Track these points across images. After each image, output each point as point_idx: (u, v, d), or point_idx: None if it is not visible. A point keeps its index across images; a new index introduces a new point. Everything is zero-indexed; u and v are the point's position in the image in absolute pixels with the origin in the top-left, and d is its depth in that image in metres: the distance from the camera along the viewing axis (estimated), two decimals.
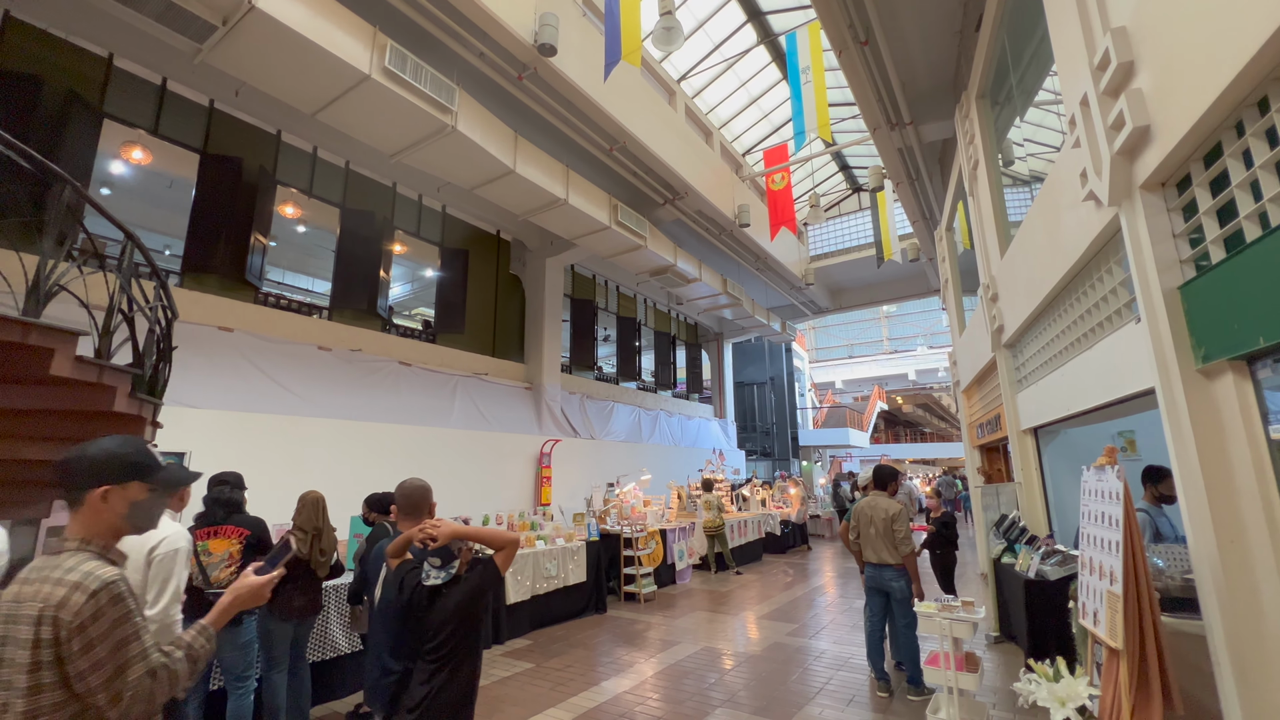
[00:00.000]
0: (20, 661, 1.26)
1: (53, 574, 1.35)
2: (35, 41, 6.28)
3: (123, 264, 3.84)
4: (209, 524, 3.41)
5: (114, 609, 1.34)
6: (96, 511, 1.46)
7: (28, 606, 1.30)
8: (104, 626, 1.31)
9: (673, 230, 12.38)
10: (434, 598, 2.14)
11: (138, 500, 1.49)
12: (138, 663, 1.35)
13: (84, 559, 1.39)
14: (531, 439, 10.80)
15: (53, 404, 3.72)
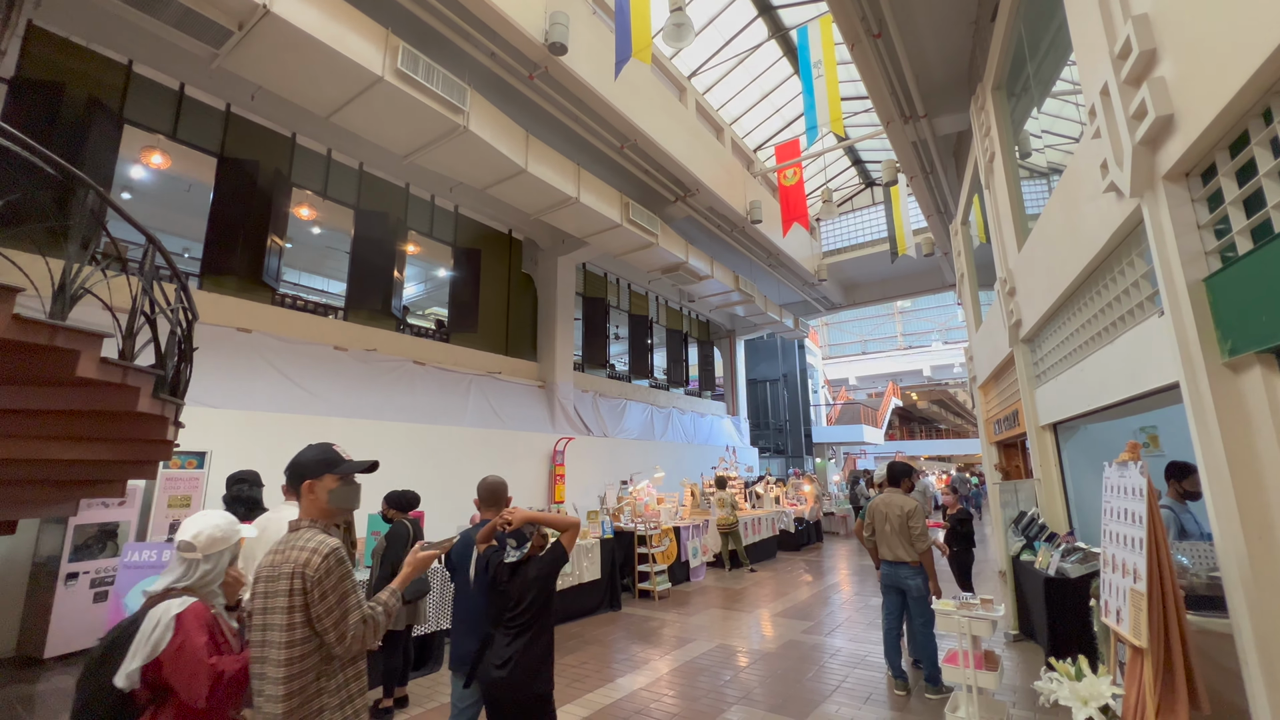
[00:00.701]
0: (280, 608, 1.73)
1: (297, 543, 1.81)
2: (57, 50, 6.41)
3: (144, 267, 3.91)
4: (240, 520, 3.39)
5: (339, 568, 1.79)
6: (309, 500, 1.93)
7: (284, 568, 1.76)
8: (333, 581, 1.77)
9: (684, 228, 12.36)
10: (513, 573, 2.52)
11: (333, 489, 1.94)
12: (355, 611, 1.80)
13: (314, 533, 1.85)
14: (545, 437, 10.85)
15: (78, 405, 3.79)
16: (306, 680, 1.71)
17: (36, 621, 5.13)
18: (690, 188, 10.96)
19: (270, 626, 1.73)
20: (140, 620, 1.73)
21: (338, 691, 1.78)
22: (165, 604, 1.76)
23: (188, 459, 5.93)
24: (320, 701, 1.73)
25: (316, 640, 1.75)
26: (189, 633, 1.71)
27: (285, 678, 1.67)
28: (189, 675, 1.67)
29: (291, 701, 1.67)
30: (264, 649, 1.73)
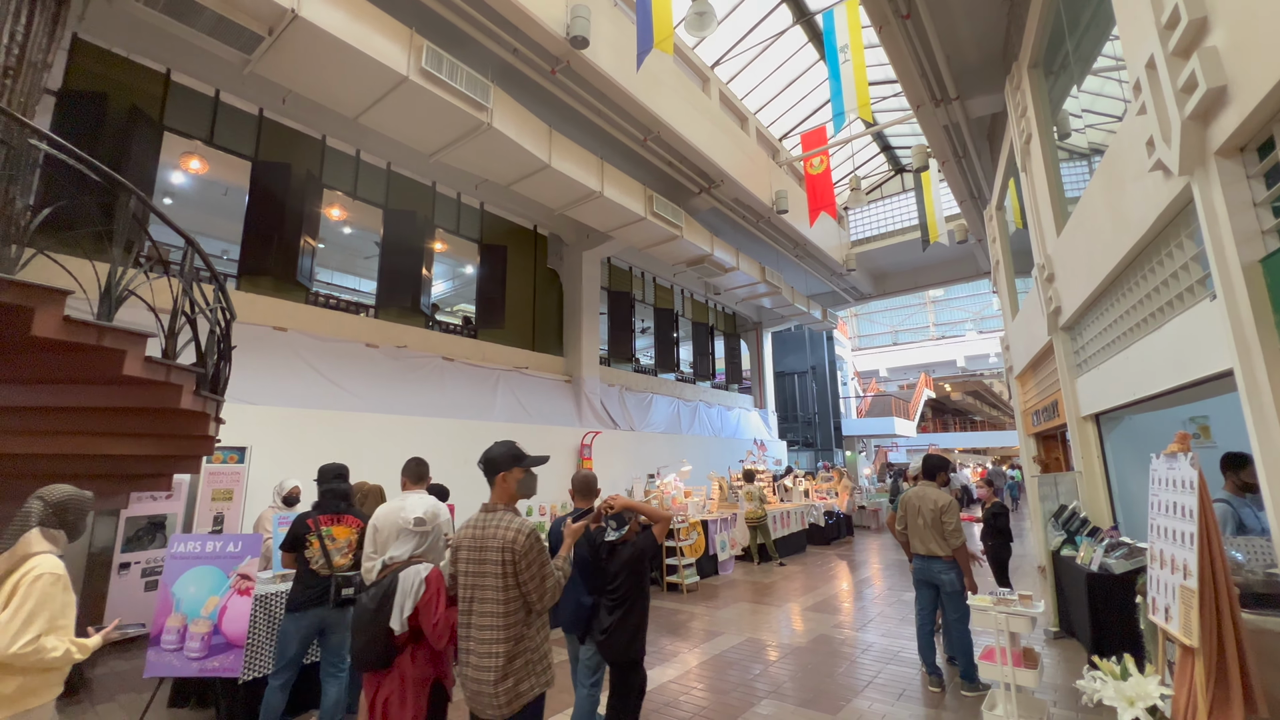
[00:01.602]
0: (493, 573, 2.19)
1: (499, 523, 2.25)
2: (100, 61, 6.65)
3: (184, 269, 4.04)
4: (329, 512, 3.47)
5: (537, 544, 2.24)
6: (501, 487, 2.35)
7: (491, 543, 2.22)
8: (534, 554, 2.21)
9: (709, 219, 12.25)
10: (612, 552, 2.93)
11: (520, 478, 2.38)
12: (550, 576, 2.25)
13: (511, 516, 2.29)
14: (572, 431, 10.92)
15: (125, 402, 3.96)
16: (519, 629, 2.20)
17: (93, 608, 5.39)
18: (714, 179, 10.85)
19: (483, 588, 2.21)
20: (394, 581, 2.20)
21: (537, 634, 2.26)
22: (415, 567, 2.26)
23: (229, 454, 6.13)
24: (527, 642, 2.20)
25: (522, 599, 2.22)
26: (435, 589, 2.24)
27: (505, 625, 2.16)
28: (435, 622, 2.19)
29: (511, 645, 2.16)
30: (471, 604, 2.22)
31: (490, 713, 2.13)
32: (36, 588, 1.95)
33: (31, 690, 1.95)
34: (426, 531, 2.36)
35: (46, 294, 3.17)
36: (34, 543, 2.06)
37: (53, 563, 2.05)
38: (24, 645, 1.87)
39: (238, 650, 3.51)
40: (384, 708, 2.17)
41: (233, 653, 3.50)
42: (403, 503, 3.20)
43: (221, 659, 3.48)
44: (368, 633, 2.16)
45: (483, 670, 2.15)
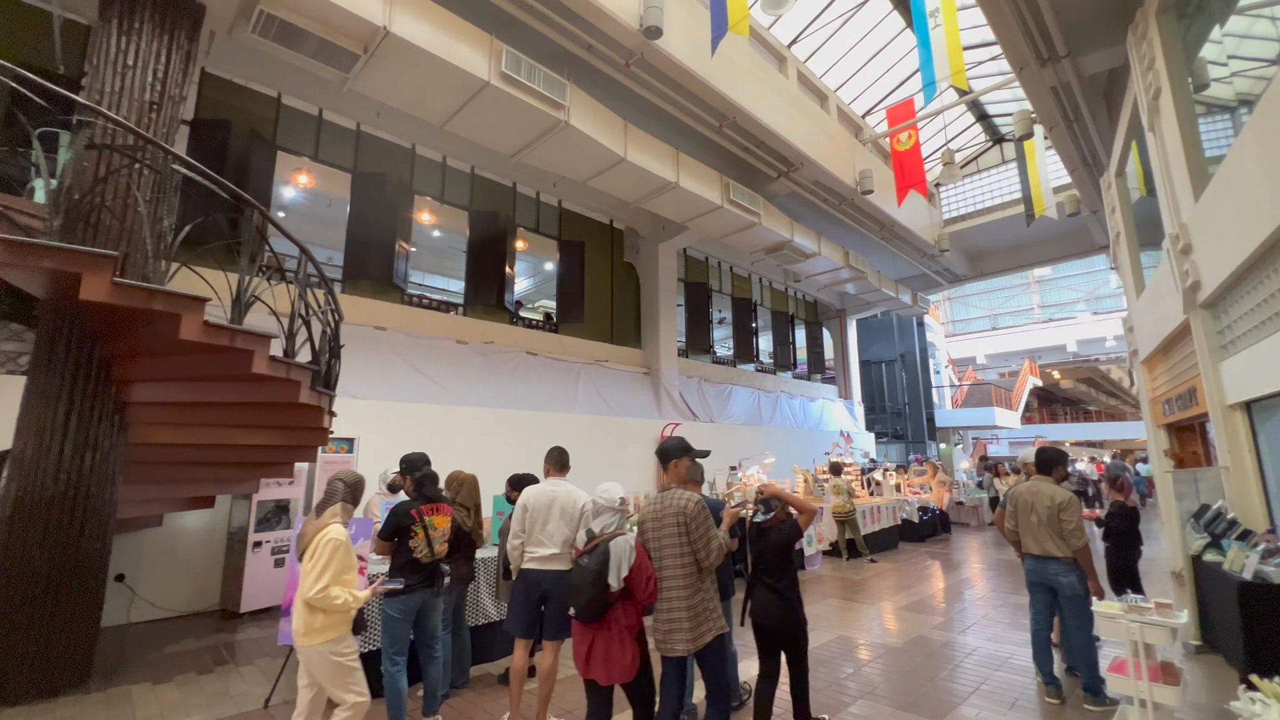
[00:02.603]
0: (671, 535, 2.72)
1: (675, 497, 2.78)
2: (223, 91, 7.37)
3: (300, 276, 4.40)
4: (428, 502, 3.60)
5: (704, 512, 2.76)
6: (675, 471, 2.96)
7: (668, 512, 2.76)
8: (701, 519, 2.72)
9: (788, 204, 11.87)
10: (761, 535, 3.24)
11: (689, 465, 3.01)
12: (715, 538, 2.74)
13: (682, 491, 2.82)
14: (651, 423, 10.98)
15: (253, 397, 4.38)
16: (694, 583, 2.69)
17: (233, 581, 6.05)
18: (793, 162, 10.49)
19: (664, 549, 2.73)
20: (606, 549, 2.57)
21: (709, 588, 2.77)
22: (624, 537, 2.63)
23: (340, 444, 6.66)
24: (702, 595, 2.70)
25: (693, 558, 2.70)
26: (641, 555, 2.64)
27: (684, 581, 2.68)
28: (643, 581, 2.59)
29: (690, 595, 2.66)
30: (659, 562, 2.72)
31: (680, 648, 2.63)
32: (327, 550, 2.57)
33: (331, 626, 2.61)
34: (623, 510, 2.75)
35: (190, 302, 3.55)
36: (332, 514, 2.68)
37: (340, 531, 2.65)
38: (317, 592, 2.51)
39: None
40: (604, 652, 2.57)
41: None
42: (554, 488, 3.53)
43: None
44: (590, 591, 2.51)
45: (673, 617, 2.66)
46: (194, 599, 6.14)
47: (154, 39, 4.86)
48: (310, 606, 2.55)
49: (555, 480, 3.63)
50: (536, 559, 3.45)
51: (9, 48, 5.65)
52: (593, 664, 2.59)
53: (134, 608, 5.73)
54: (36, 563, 3.93)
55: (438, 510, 3.61)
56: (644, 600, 2.62)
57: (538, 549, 3.42)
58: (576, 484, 3.69)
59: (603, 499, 2.76)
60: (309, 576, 2.53)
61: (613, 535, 2.63)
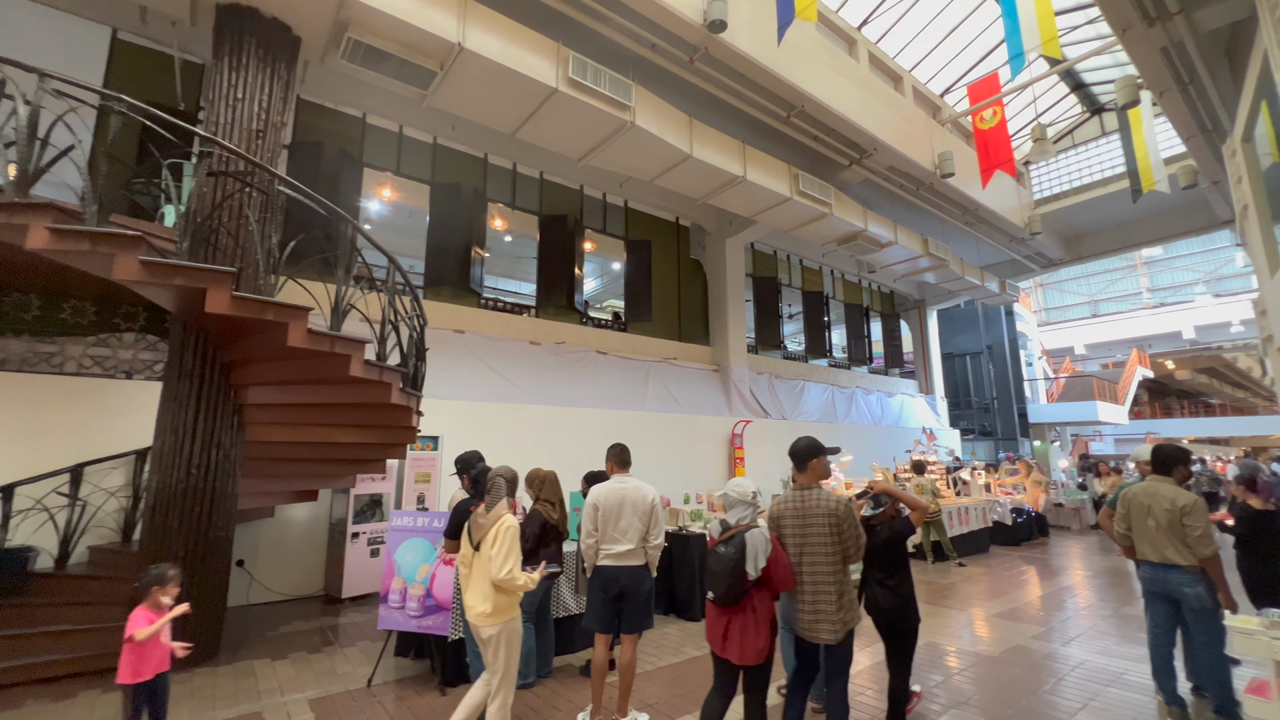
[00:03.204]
0: (821, 534, 2.90)
1: (821, 496, 2.96)
2: (315, 115, 7.95)
3: (389, 284, 4.69)
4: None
5: (850, 511, 2.94)
6: (812, 470, 3.05)
7: (816, 511, 2.93)
8: (851, 518, 2.92)
9: (861, 193, 11.43)
10: (870, 530, 3.37)
11: (825, 463, 3.10)
12: (861, 534, 2.97)
13: (826, 491, 2.99)
14: (722, 420, 10.90)
15: (350, 399, 4.71)
16: (841, 574, 2.90)
17: (335, 569, 6.53)
18: (866, 148, 10.08)
19: (810, 546, 2.92)
20: (743, 540, 2.73)
21: (848, 578, 2.96)
22: (758, 530, 2.79)
23: (426, 442, 7.04)
24: (846, 584, 2.92)
25: (842, 551, 2.90)
26: (776, 545, 2.81)
27: (833, 572, 2.88)
28: (780, 569, 2.77)
29: (838, 586, 2.88)
30: (801, 558, 2.92)
31: (826, 636, 2.84)
32: (507, 536, 2.85)
33: (510, 605, 2.91)
34: (754, 504, 2.89)
35: (296, 312, 3.86)
36: (504, 505, 2.97)
37: (513, 520, 2.94)
38: (505, 574, 2.79)
39: (446, 612, 4.03)
40: (740, 635, 2.76)
41: (442, 614, 4.02)
42: (621, 485, 3.58)
43: (434, 619, 4.03)
44: (729, 578, 2.69)
45: (819, 606, 2.87)
46: (302, 584, 6.68)
47: (259, 72, 5.32)
48: (497, 587, 2.83)
49: (621, 477, 3.66)
50: (611, 556, 3.51)
51: (137, 89, 6.34)
52: (729, 644, 2.78)
53: (252, 590, 6.30)
54: (175, 546, 4.42)
55: None
56: (780, 590, 2.85)
57: (612, 546, 3.48)
58: (649, 481, 3.72)
59: (735, 493, 2.91)
60: (495, 561, 2.80)
61: (748, 527, 2.80)
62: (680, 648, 4.95)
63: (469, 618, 2.93)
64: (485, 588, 2.85)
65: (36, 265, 4.85)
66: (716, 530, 2.91)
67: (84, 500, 5.25)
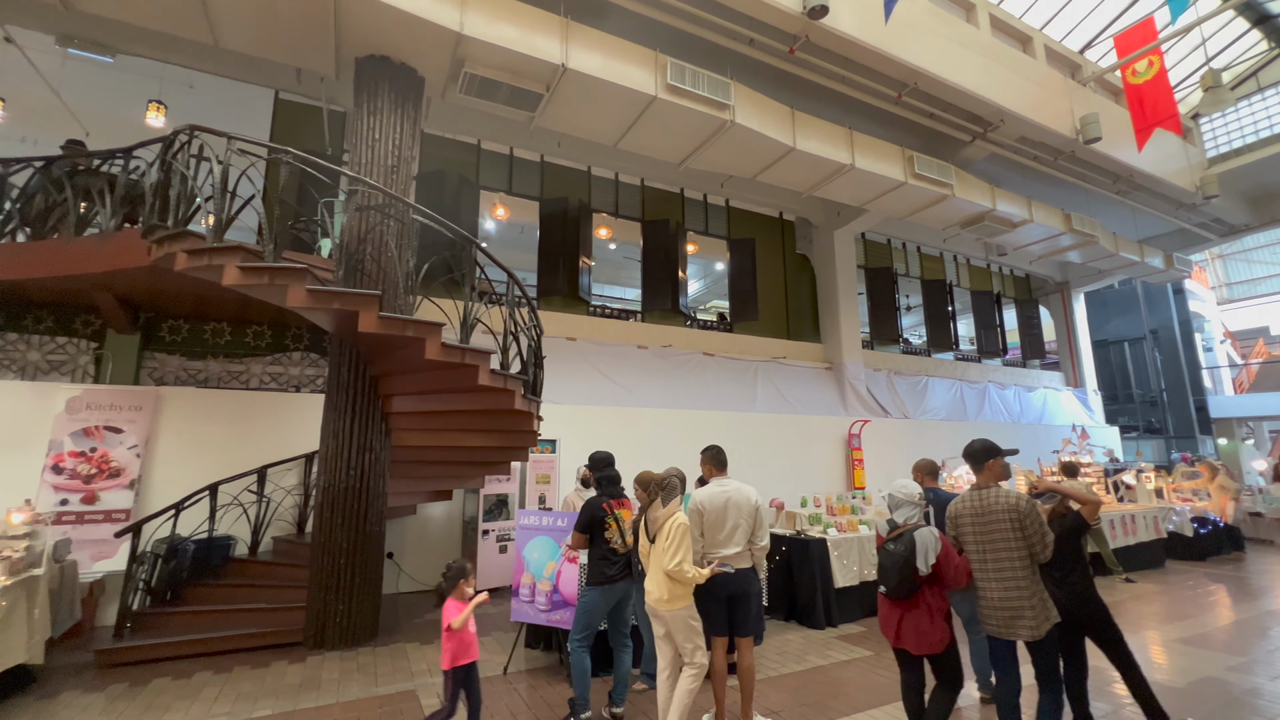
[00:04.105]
0: (1004, 533, 2.93)
1: (1001, 496, 2.98)
2: (437, 145, 8.68)
3: (509, 298, 5.02)
4: (612, 498, 3.84)
5: (1035, 509, 2.95)
6: (990, 471, 3.11)
7: (996, 509, 2.97)
8: (1035, 515, 2.93)
9: (986, 169, 10.47)
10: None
11: (1003, 464, 3.15)
12: (1049, 533, 2.94)
13: (1005, 490, 3.02)
14: (837, 420, 10.44)
15: (478, 406, 5.08)
16: (1030, 572, 2.90)
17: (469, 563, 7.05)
18: (991, 120, 9.21)
19: (994, 545, 2.97)
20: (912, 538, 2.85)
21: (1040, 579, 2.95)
22: (927, 529, 2.89)
23: (545, 445, 7.41)
24: (1038, 583, 2.92)
25: (1028, 549, 2.90)
26: (947, 544, 2.92)
27: (1025, 573, 2.89)
28: (952, 567, 2.88)
29: (1028, 584, 2.88)
30: (985, 557, 2.98)
31: (1025, 634, 2.87)
32: (679, 531, 3.07)
33: (685, 594, 3.11)
34: (921, 505, 3.00)
35: (431, 328, 4.25)
36: (677, 503, 3.20)
37: (684, 518, 3.16)
38: (674, 565, 3.01)
39: (572, 608, 4.21)
40: (914, 627, 2.89)
41: (569, 609, 4.21)
42: (723, 488, 3.52)
43: (561, 613, 4.23)
44: (900, 574, 2.84)
45: (1013, 605, 2.89)
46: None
47: (391, 114, 5.92)
48: (670, 577, 3.04)
49: (721, 480, 3.59)
50: (719, 560, 3.47)
51: (295, 139, 7.29)
52: (904, 636, 2.93)
53: (400, 580, 6.98)
54: (339, 540, 5.01)
55: (622, 505, 3.85)
56: (952, 586, 2.94)
57: (719, 550, 3.43)
58: (760, 484, 3.65)
59: (901, 494, 3.04)
60: (667, 553, 3.04)
61: (916, 526, 2.92)
62: (804, 655, 4.80)
63: (650, 602, 3.15)
64: (661, 576, 3.08)
65: (226, 297, 5.74)
66: (885, 529, 3.05)
67: (268, 497, 6.12)
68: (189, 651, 4.73)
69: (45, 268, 5.20)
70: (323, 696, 4.00)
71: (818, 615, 5.46)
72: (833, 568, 5.56)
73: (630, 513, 3.87)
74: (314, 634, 4.93)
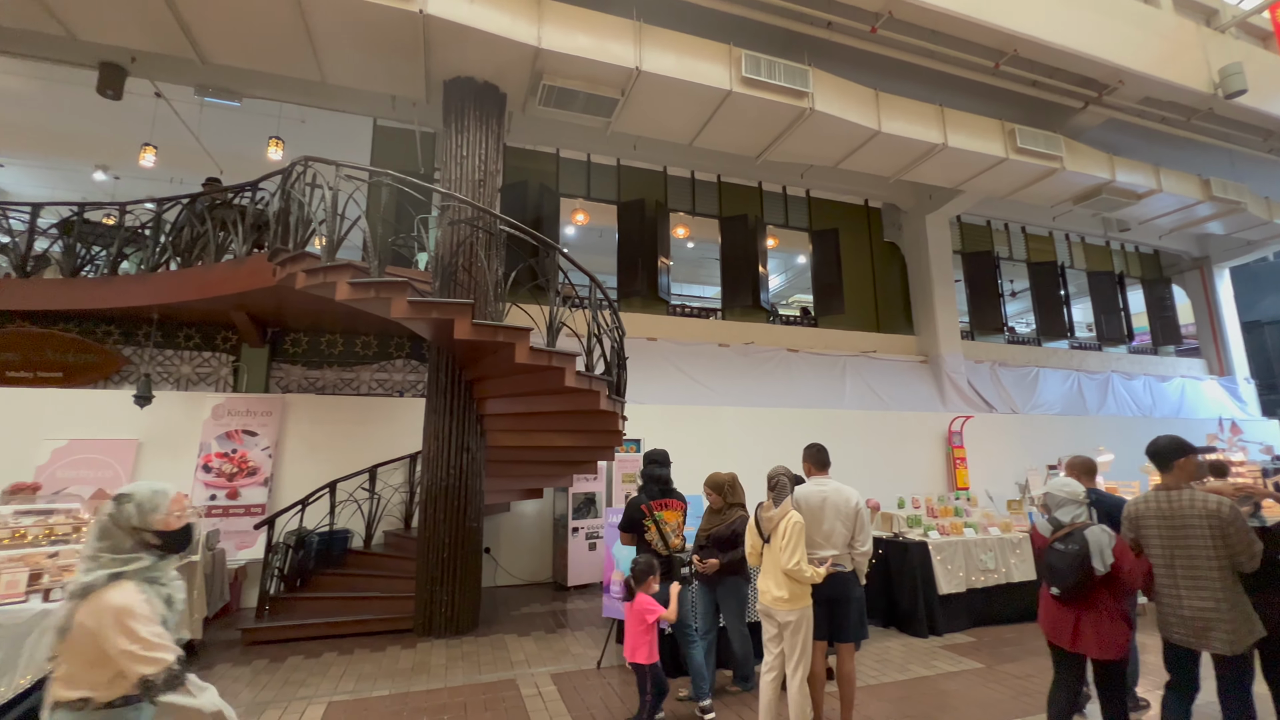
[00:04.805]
0: (1201, 538, 2.69)
1: (1197, 498, 2.75)
2: (518, 158, 9.03)
3: (591, 301, 5.13)
4: (656, 498, 3.79)
5: (1237, 515, 2.66)
6: (1180, 471, 2.86)
7: (1192, 514, 2.74)
8: (1239, 521, 2.64)
9: (1102, 136, 9.47)
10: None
11: (1195, 463, 2.91)
12: (1256, 541, 2.64)
13: (1200, 493, 2.78)
14: (935, 416, 9.83)
15: (565, 407, 5.23)
16: (1232, 583, 2.67)
17: (560, 559, 7.30)
18: (1107, 82, 8.32)
19: (1186, 550, 2.75)
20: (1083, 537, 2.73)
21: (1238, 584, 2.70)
22: (1099, 527, 2.75)
23: (630, 444, 7.51)
24: (1239, 594, 2.67)
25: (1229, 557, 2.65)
26: (1121, 545, 2.76)
27: (1223, 580, 2.66)
28: (1129, 567, 2.73)
29: (1232, 595, 2.66)
30: (1174, 563, 2.77)
31: (1220, 647, 2.66)
32: (795, 531, 3.04)
33: (805, 594, 3.07)
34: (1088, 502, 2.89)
35: (520, 333, 4.42)
36: (789, 503, 3.16)
37: (799, 517, 3.12)
38: (794, 565, 2.98)
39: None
40: (1095, 629, 2.75)
41: None
42: (821, 487, 3.41)
43: None
44: (1074, 574, 2.71)
45: (1207, 614, 2.68)
46: (534, 571, 7.58)
47: (477, 131, 6.23)
48: (789, 576, 3.02)
49: (819, 479, 3.48)
50: (817, 561, 3.36)
51: (391, 162, 7.84)
52: (1081, 639, 2.78)
53: (497, 575, 7.33)
54: (443, 535, 5.34)
55: (666, 506, 3.78)
56: (1132, 587, 2.83)
57: (816, 551, 3.31)
58: (853, 484, 3.48)
59: (1062, 493, 2.90)
60: (784, 552, 3.02)
61: (1085, 525, 2.80)
62: (906, 665, 4.56)
63: (765, 602, 3.11)
64: (779, 576, 3.05)
65: (338, 310, 6.27)
66: (1046, 528, 2.95)
67: (379, 494, 6.62)
68: (317, 634, 5.22)
69: (193, 291, 5.93)
70: (432, 681, 4.28)
71: (919, 622, 5.16)
72: (936, 573, 5.23)
73: (675, 514, 3.83)
74: (422, 622, 5.28)
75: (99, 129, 8.16)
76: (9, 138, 8.33)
